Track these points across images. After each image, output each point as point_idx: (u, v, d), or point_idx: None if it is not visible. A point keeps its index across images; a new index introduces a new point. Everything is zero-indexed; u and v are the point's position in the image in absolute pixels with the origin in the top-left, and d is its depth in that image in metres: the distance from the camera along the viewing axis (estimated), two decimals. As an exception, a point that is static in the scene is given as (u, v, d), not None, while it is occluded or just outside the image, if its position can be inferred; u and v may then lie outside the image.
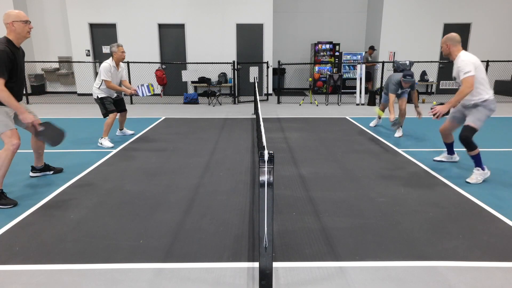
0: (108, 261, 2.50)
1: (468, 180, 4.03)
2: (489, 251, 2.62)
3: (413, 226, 3.01)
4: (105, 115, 5.70)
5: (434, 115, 4.02)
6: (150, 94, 6.06)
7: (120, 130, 6.37)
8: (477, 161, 4.02)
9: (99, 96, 5.65)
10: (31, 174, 4.26)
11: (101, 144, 5.61)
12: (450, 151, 4.75)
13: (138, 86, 6.03)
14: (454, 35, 3.98)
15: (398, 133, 6.23)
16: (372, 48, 11.59)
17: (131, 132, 6.47)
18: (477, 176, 4.02)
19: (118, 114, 6.06)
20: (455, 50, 3.98)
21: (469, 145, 3.94)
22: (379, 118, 6.68)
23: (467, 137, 3.92)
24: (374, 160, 4.84)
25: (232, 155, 5.10)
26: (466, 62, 3.81)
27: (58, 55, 12.13)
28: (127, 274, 2.36)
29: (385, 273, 2.38)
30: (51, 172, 4.36)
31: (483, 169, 4.03)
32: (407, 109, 9.34)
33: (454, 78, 4.14)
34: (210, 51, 11.76)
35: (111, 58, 5.65)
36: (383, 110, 6.43)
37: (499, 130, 6.70)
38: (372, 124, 7.06)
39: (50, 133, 3.75)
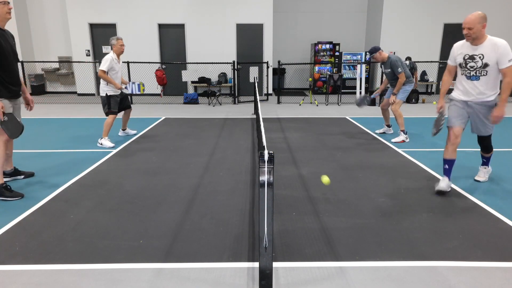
0: (108, 261, 2.50)
1: (477, 178, 4.06)
2: (489, 251, 2.62)
3: (413, 226, 3.01)
4: (107, 114, 5.69)
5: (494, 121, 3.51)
6: (138, 92, 6.15)
7: (123, 130, 6.30)
8: (488, 160, 4.00)
9: (108, 94, 5.61)
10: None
11: (101, 144, 5.57)
12: (448, 172, 3.76)
13: (129, 83, 6.11)
14: (485, 15, 3.32)
15: (380, 130, 6.52)
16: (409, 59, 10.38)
17: (133, 131, 6.43)
18: (485, 173, 4.06)
19: (123, 112, 6.08)
20: (484, 32, 3.37)
21: (490, 149, 3.86)
22: (388, 126, 6.48)
23: (490, 145, 3.84)
24: (374, 160, 4.84)
25: (232, 155, 5.10)
26: (510, 49, 3.29)
27: (58, 55, 12.12)
28: (127, 274, 2.36)
29: (385, 273, 2.38)
30: (22, 176, 4.13)
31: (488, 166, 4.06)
32: (407, 109, 9.34)
33: (484, 65, 3.40)
34: (210, 51, 11.75)
35: (111, 51, 5.65)
36: (385, 105, 6.25)
37: (499, 130, 6.70)
38: (379, 131, 6.56)
39: (10, 125, 3.59)
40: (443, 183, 3.67)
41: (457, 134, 3.60)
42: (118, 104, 5.75)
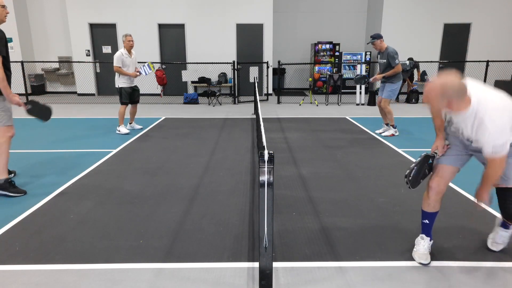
0: (108, 261, 2.50)
1: None
2: (489, 251, 2.62)
3: (413, 226, 3.01)
4: (121, 103, 6.42)
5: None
6: (151, 71, 6.69)
7: (130, 124, 6.81)
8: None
9: (119, 86, 6.32)
10: None
11: (119, 131, 6.40)
12: (429, 229, 2.56)
13: (140, 67, 6.64)
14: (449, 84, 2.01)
15: (380, 130, 6.57)
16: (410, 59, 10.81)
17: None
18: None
19: (130, 105, 6.63)
20: (461, 103, 2.07)
21: None
22: (387, 125, 6.53)
23: None
24: (374, 160, 4.84)
25: (232, 155, 5.10)
26: (501, 129, 2.04)
27: (58, 55, 12.12)
28: (127, 274, 2.36)
29: (385, 273, 2.38)
30: (12, 175, 4.15)
31: None
32: (407, 109, 9.34)
33: (469, 139, 2.31)
34: (210, 51, 11.75)
35: (123, 47, 6.25)
36: (379, 104, 6.35)
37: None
38: (379, 131, 6.54)
39: (37, 110, 3.86)
40: (422, 249, 2.49)
41: (443, 177, 2.44)
42: (129, 96, 6.39)
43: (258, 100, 5.28)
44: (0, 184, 3.56)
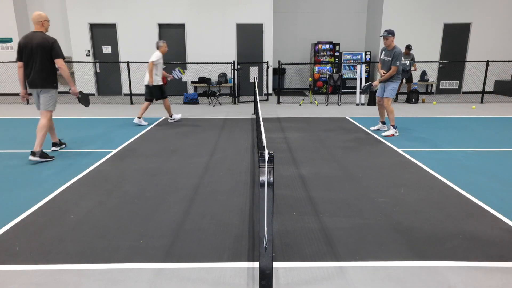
0: (108, 261, 2.50)
1: None
2: (489, 251, 2.62)
3: (413, 226, 3.01)
4: (146, 100, 7.24)
5: None
6: (182, 75, 7.66)
7: (138, 118, 7.23)
8: None
9: (158, 83, 7.20)
10: (53, 148, 5.32)
11: (173, 119, 7.48)
12: None
13: (172, 71, 7.72)
14: None
15: (374, 127, 6.82)
16: (408, 48, 10.22)
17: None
18: None
19: (148, 102, 7.28)
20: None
21: None
22: (383, 123, 6.69)
23: None
24: (374, 160, 4.84)
25: (232, 155, 5.10)
26: None
27: (58, 55, 12.11)
28: (127, 274, 2.36)
29: (385, 273, 2.38)
30: (64, 145, 5.49)
31: None
32: (407, 109, 9.34)
33: None
34: (210, 51, 11.75)
35: (158, 51, 7.12)
36: (380, 101, 6.54)
37: (499, 130, 6.70)
38: (373, 128, 6.84)
39: (84, 98, 5.32)
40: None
41: None
42: (160, 91, 7.28)
43: (258, 100, 5.29)
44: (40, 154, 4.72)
